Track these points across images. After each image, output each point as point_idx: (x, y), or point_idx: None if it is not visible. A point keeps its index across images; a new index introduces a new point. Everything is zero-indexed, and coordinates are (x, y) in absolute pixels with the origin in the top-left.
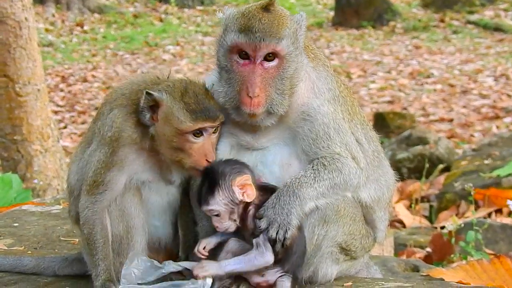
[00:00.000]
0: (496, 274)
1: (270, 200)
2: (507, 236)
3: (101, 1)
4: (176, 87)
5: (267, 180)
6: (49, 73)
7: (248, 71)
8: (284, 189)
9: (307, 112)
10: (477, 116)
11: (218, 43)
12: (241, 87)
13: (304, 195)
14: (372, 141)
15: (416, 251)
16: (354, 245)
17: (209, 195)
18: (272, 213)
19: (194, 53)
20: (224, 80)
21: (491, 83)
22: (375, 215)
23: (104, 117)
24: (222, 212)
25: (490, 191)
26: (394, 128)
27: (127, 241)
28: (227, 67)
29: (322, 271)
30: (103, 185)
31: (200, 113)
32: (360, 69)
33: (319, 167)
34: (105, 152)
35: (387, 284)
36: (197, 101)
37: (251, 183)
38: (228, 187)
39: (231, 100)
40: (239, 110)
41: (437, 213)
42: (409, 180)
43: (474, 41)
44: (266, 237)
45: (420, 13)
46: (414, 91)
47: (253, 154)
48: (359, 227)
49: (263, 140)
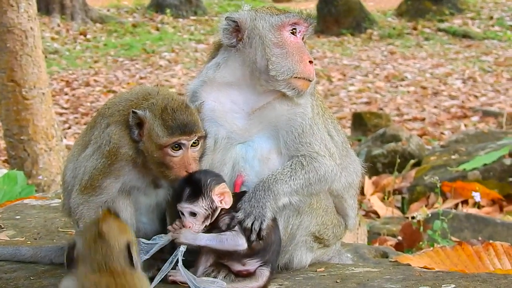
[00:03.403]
0: (458, 259)
1: (247, 194)
2: (471, 224)
3: (102, 11)
4: (158, 104)
5: (248, 174)
6: (54, 78)
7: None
8: (260, 184)
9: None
10: (447, 115)
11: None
12: (300, 58)
13: (279, 191)
14: (340, 133)
15: (388, 239)
16: (327, 234)
17: (192, 198)
18: (248, 206)
19: (188, 59)
20: (279, 55)
21: (460, 85)
22: (346, 203)
23: (101, 130)
24: (200, 215)
25: (456, 183)
26: (371, 126)
27: None
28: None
29: (297, 258)
30: (99, 189)
31: (176, 128)
32: (340, 73)
33: (297, 167)
34: (103, 162)
35: (357, 269)
36: (174, 117)
37: (228, 191)
38: (208, 196)
39: (288, 71)
40: (294, 82)
41: (408, 204)
42: (383, 174)
43: (444, 47)
44: (241, 226)
45: (394, 22)
46: (389, 93)
47: (236, 148)
48: (331, 217)
49: (254, 131)
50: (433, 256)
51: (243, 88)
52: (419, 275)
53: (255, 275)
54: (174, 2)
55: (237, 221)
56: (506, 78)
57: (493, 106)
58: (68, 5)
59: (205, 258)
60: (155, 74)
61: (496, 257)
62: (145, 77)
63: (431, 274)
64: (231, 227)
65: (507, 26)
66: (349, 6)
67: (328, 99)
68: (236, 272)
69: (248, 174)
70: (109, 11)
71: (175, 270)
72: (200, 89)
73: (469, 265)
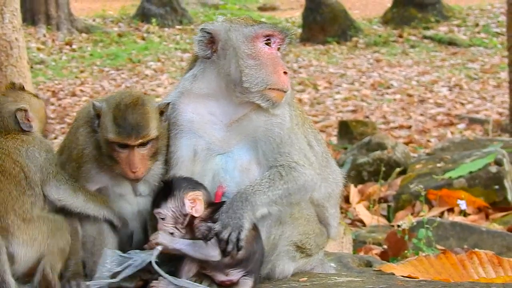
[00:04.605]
0: (442, 268)
1: (225, 205)
2: (456, 232)
3: (88, 21)
4: (114, 98)
5: (228, 185)
6: (40, 88)
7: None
8: (238, 195)
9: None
10: (433, 123)
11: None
12: (274, 69)
13: (256, 201)
14: (321, 143)
15: (373, 248)
16: (309, 243)
17: (161, 200)
18: (226, 217)
19: (174, 69)
20: (252, 66)
21: (446, 93)
22: (328, 213)
23: (72, 134)
24: (168, 218)
25: (442, 191)
26: (357, 134)
27: (100, 242)
28: (254, 56)
29: (279, 268)
30: None
31: (122, 129)
32: (326, 81)
33: (276, 177)
34: (72, 166)
35: (340, 278)
36: (124, 115)
37: (201, 199)
38: (180, 198)
39: (262, 83)
40: (268, 93)
41: (394, 212)
42: (369, 182)
43: (430, 54)
44: (218, 238)
45: (380, 30)
46: (375, 101)
47: (216, 159)
48: (313, 226)
49: (233, 142)
50: (417, 265)
51: (220, 99)
52: (402, 284)
53: (238, 285)
54: (160, 12)
55: (214, 233)
56: (492, 85)
57: (479, 114)
58: (53, 15)
59: (188, 268)
60: (141, 84)
61: (480, 265)
62: (131, 87)
63: (414, 284)
64: (208, 238)
65: (492, 33)
66: (334, 14)
67: (314, 107)
68: (219, 282)
69: (228, 185)
70: (94, 21)
71: (158, 281)
72: (178, 100)
73: (453, 273)
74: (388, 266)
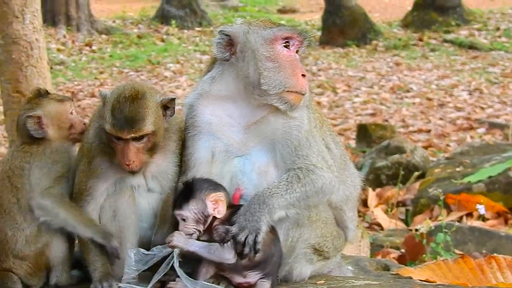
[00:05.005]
0: (460, 272)
1: (242, 208)
2: (475, 237)
3: (108, 23)
4: (120, 88)
5: (246, 188)
6: (60, 89)
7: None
8: (255, 198)
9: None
10: (453, 127)
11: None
12: (292, 71)
13: (274, 204)
14: (339, 146)
15: (391, 252)
16: (327, 246)
17: (183, 202)
18: (243, 219)
19: (193, 70)
20: (270, 69)
21: (466, 97)
22: (345, 216)
23: (87, 132)
24: (189, 219)
25: (461, 196)
26: (375, 138)
27: (120, 240)
28: (273, 58)
29: (296, 271)
30: (86, 192)
31: (116, 122)
32: (345, 84)
33: (293, 180)
34: (84, 162)
35: (357, 282)
36: (120, 108)
37: (223, 200)
38: (202, 200)
39: (280, 85)
40: (286, 96)
41: (412, 216)
42: (387, 186)
43: (450, 58)
44: (235, 240)
45: (400, 33)
46: (394, 104)
47: (234, 161)
48: (330, 229)
49: (251, 144)
50: (435, 269)
51: (238, 102)
52: None
53: (255, 287)
54: (179, 13)
55: (231, 236)
56: None
57: (499, 118)
58: (74, 16)
59: (205, 270)
60: (160, 85)
61: (499, 270)
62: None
63: None
64: (225, 240)
65: None
66: (354, 17)
67: (333, 110)
68: (237, 284)
69: (246, 187)
70: (114, 22)
71: (175, 282)
72: (196, 102)
73: (472, 278)
74: (405, 270)
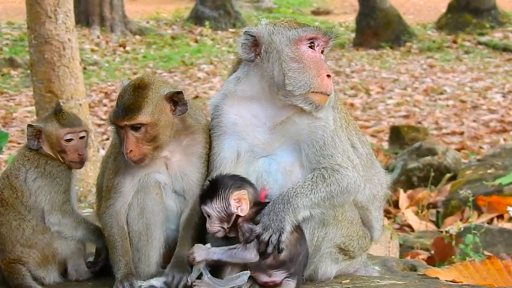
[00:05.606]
0: (487, 273)
1: (267, 207)
2: (504, 239)
3: (141, 24)
4: (132, 79)
5: (271, 188)
6: (93, 89)
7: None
8: (280, 198)
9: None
10: (486, 129)
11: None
12: (317, 72)
13: (298, 204)
14: (365, 145)
15: (420, 253)
16: (352, 246)
17: (207, 199)
18: (267, 219)
19: (226, 72)
20: (295, 69)
21: (500, 99)
22: (371, 216)
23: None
24: (213, 217)
25: (492, 198)
26: (408, 140)
27: (146, 237)
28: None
29: (322, 270)
30: (113, 189)
31: (115, 109)
32: (379, 86)
33: (318, 179)
34: (111, 160)
35: (383, 281)
36: (121, 95)
37: (247, 198)
38: (225, 198)
39: (305, 86)
40: (311, 96)
41: (443, 218)
42: (418, 188)
43: (484, 60)
44: (258, 240)
45: (434, 35)
46: (428, 107)
47: (259, 162)
48: (356, 228)
49: (276, 144)
50: (462, 270)
51: (263, 102)
52: None
53: (281, 286)
54: (213, 15)
55: (255, 235)
56: None
57: None
58: (107, 17)
59: (231, 269)
60: (194, 86)
61: None
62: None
63: None
64: (248, 240)
65: None
66: (388, 19)
67: (366, 112)
68: (262, 283)
69: (271, 187)
70: (148, 23)
71: (200, 280)
72: (221, 102)
73: (499, 279)
74: (432, 271)
